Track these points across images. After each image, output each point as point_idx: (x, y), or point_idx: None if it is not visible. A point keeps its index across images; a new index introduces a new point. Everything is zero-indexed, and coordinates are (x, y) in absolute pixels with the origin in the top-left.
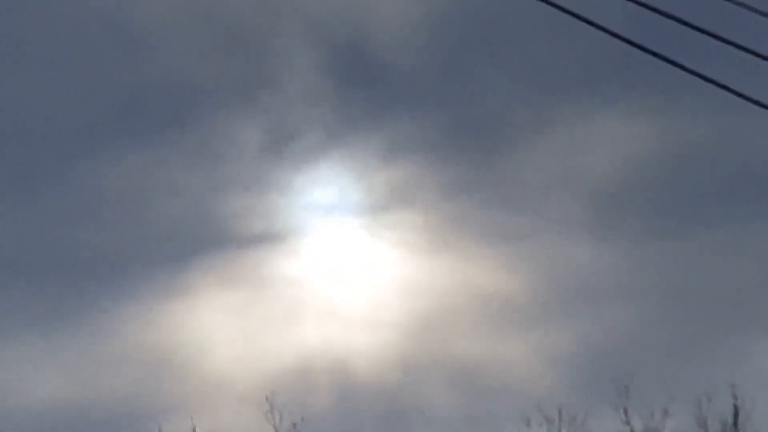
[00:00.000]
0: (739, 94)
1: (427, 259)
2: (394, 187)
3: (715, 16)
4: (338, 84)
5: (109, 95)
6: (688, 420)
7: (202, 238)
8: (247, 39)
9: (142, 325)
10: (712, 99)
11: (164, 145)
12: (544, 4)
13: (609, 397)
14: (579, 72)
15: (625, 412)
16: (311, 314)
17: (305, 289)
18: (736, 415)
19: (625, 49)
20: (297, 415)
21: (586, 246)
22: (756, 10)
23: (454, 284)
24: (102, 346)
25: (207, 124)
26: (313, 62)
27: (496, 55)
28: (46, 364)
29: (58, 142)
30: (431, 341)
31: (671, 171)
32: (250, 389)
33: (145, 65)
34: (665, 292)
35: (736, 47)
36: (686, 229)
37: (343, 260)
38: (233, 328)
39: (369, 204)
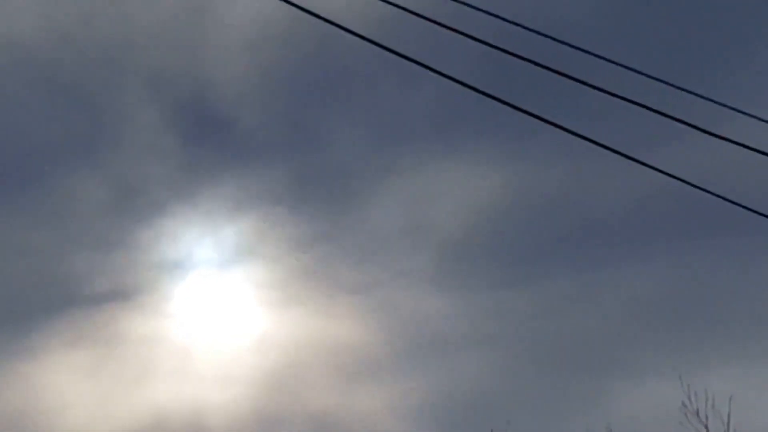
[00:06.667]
0: (586, 138)
1: (277, 313)
2: (242, 242)
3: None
4: (182, 140)
5: None
6: None
7: (48, 298)
8: (88, 96)
9: None
10: (557, 146)
11: (6, 205)
12: (388, 55)
13: None
14: (423, 121)
15: None
16: (163, 372)
17: (156, 346)
18: None
19: (468, 98)
20: None
21: (435, 296)
22: (609, 59)
23: (305, 337)
24: None
25: (50, 183)
26: (156, 118)
27: (339, 107)
28: None
29: None
30: (285, 395)
31: (518, 219)
32: None
33: None
34: (518, 340)
35: (587, 86)
36: (535, 278)
37: (193, 316)
38: (83, 389)
39: (217, 259)
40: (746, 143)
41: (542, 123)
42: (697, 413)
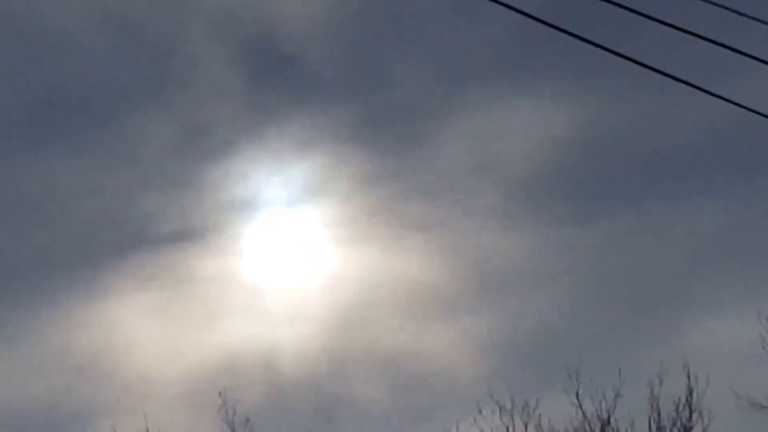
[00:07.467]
0: (656, 70)
1: (346, 251)
2: (310, 180)
3: None
4: (248, 79)
5: (18, 98)
6: (640, 402)
7: (119, 238)
8: (155, 37)
9: (62, 328)
10: (626, 80)
11: (76, 146)
12: None
13: (559, 381)
14: (490, 57)
15: (577, 396)
16: (234, 311)
17: (225, 286)
18: (689, 394)
19: (536, 32)
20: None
21: (503, 233)
22: None
23: (375, 275)
24: (22, 352)
25: (118, 124)
26: (222, 58)
27: (405, 44)
28: None
29: None
30: (355, 333)
31: (587, 154)
32: (178, 389)
33: (54, 67)
34: (590, 276)
35: (654, 20)
36: (605, 213)
37: (263, 255)
38: (154, 329)
39: (285, 198)
40: None
41: (610, 57)
42: None
